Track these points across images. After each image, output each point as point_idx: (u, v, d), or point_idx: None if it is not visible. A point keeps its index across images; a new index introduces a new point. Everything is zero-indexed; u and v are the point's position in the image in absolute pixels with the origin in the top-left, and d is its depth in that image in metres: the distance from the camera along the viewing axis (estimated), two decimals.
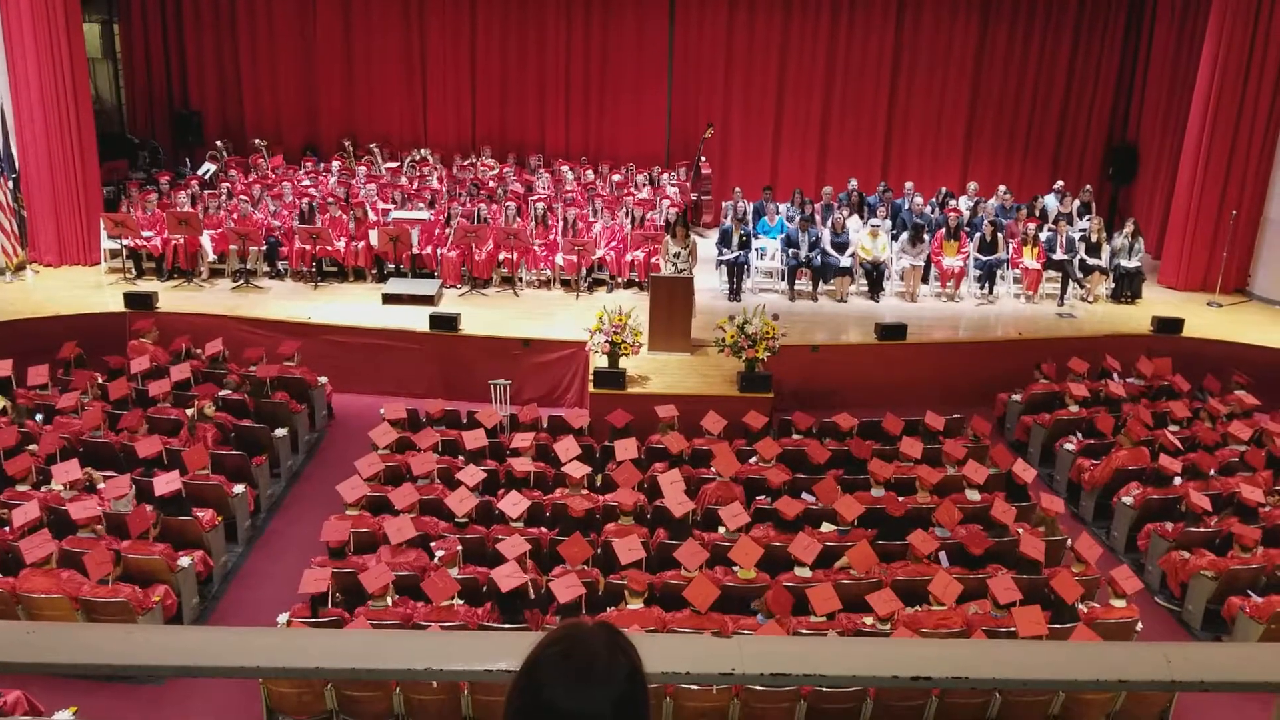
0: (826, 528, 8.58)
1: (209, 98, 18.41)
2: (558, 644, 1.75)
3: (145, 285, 13.53)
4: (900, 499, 9.07)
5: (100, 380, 10.69)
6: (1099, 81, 18.45)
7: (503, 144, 18.49)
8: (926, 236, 14.74)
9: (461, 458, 9.56)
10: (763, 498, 9.08)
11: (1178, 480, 9.68)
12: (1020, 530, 8.56)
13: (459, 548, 7.76)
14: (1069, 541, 8.50)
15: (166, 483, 8.42)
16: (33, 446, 9.14)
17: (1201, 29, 15.32)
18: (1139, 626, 7.63)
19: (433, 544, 8.04)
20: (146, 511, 8.00)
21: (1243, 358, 12.67)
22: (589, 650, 1.73)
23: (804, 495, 9.12)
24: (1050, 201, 16.43)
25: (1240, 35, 14.41)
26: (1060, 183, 17.00)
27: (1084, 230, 15.01)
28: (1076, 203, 16.21)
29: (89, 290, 13.54)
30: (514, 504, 8.28)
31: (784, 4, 18.07)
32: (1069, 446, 10.84)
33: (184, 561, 7.99)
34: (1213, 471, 9.80)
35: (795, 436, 10.37)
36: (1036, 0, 17.99)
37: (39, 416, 10.01)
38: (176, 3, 17.93)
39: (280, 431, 10.44)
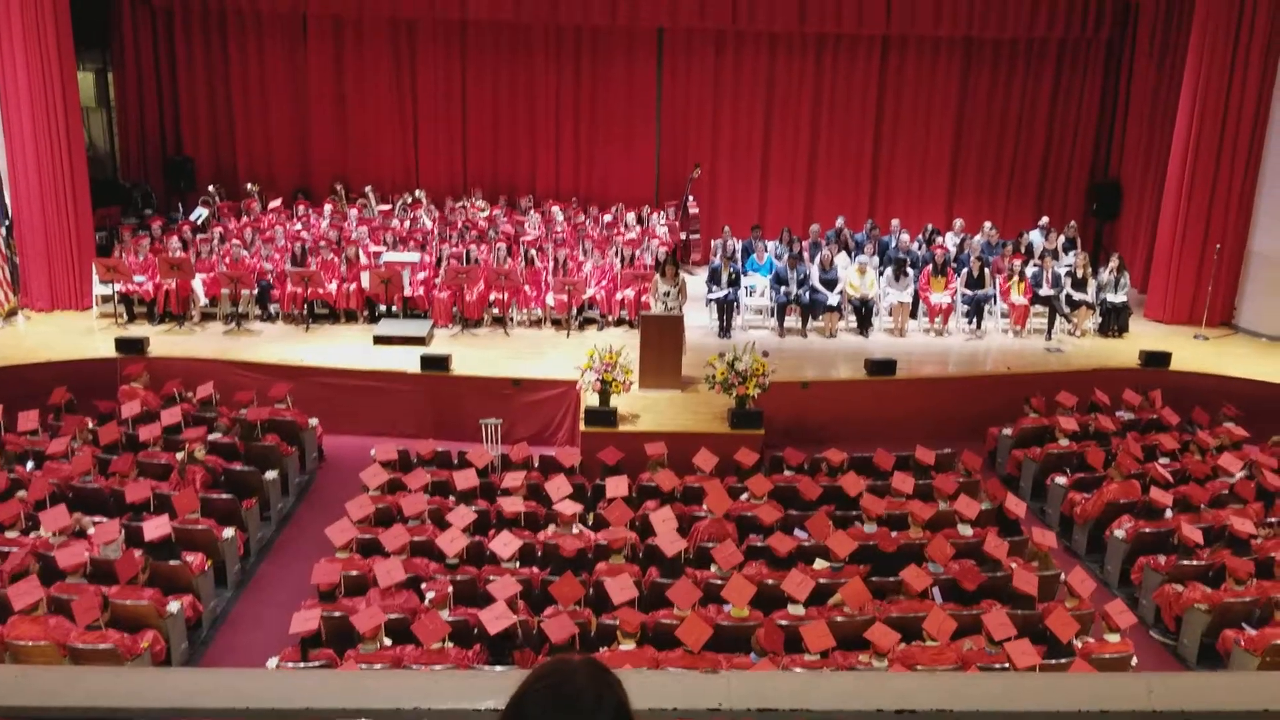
0: (819, 564, 8.57)
1: (201, 143, 18.52)
2: (544, 679, 1.76)
3: (137, 330, 13.55)
4: (893, 535, 9.06)
5: (91, 425, 10.66)
6: (1080, 120, 18.72)
7: (494, 186, 18.62)
8: (911, 271, 14.86)
9: (452, 498, 9.54)
10: (755, 535, 9.07)
11: (1169, 513, 9.70)
12: (1013, 565, 8.55)
13: (450, 589, 7.73)
14: (1062, 576, 8.50)
15: (156, 527, 8.38)
16: (22, 493, 9.10)
17: (1180, 67, 15.55)
18: (1134, 661, 7.61)
19: (423, 585, 8.00)
20: (135, 557, 7.96)
21: (1230, 390, 12.73)
22: (575, 685, 1.75)
23: (796, 532, 9.11)
24: (1035, 237, 16.57)
25: (1218, 73, 14.61)
26: (1045, 219, 17.16)
27: (1070, 266, 15.13)
28: (1061, 238, 16.34)
29: (80, 335, 13.54)
30: (505, 544, 8.27)
31: (769, 47, 18.31)
32: (1060, 480, 10.86)
33: (173, 607, 7.95)
34: (1204, 504, 9.83)
35: (787, 473, 10.37)
36: (1017, 41, 18.26)
37: (29, 463, 9.98)
38: (170, 51, 18.10)
39: (270, 474, 10.41)
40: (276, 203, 17.37)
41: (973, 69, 18.55)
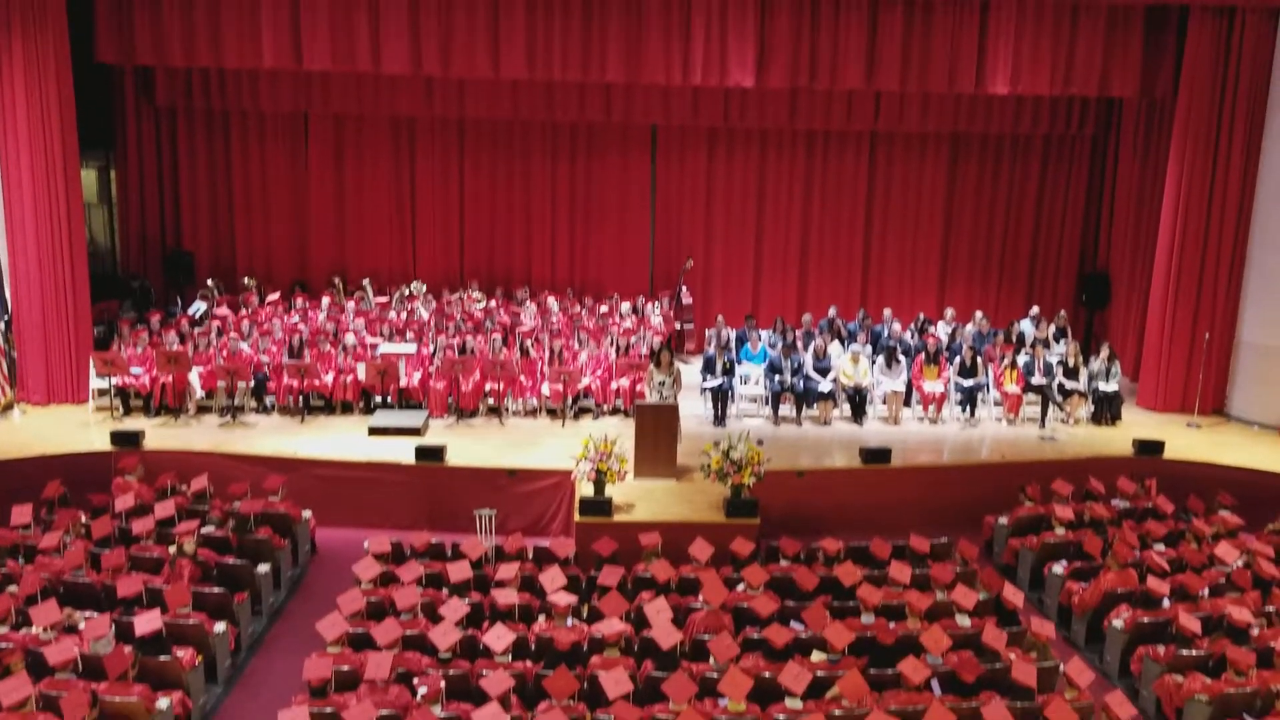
0: (817, 656, 8.48)
1: (201, 238, 18.78)
2: None
3: (132, 423, 13.58)
4: (891, 625, 8.99)
5: (83, 519, 10.63)
6: (1067, 212, 19.09)
7: (490, 277, 18.86)
8: (903, 358, 14.99)
9: (446, 590, 9.48)
10: (751, 626, 9.00)
11: (1166, 602, 9.65)
12: (1012, 656, 8.47)
13: (442, 684, 7.64)
14: (1061, 667, 8.42)
15: (147, 622, 8.31)
16: (12, 587, 9.03)
17: (1163, 162, 15.91)
18: None
19: (416, 681, 7.91)
20: (125, 652, 7.88)
21: (1224, 478, 12.77)
22: None
23: (793, 623, 9.04)
24: (1026, 327, 16.74)
25: (1201, 167, 14.96)
26: (1036, 308, 17.34)
27: (1061, 355, 15.26)
28: (1052, 328, 16.50)
29: (76, 429, 13.56)
30: (498, 637, 8.19)
31: (761, 143, 18.75)
32: (1058, 569, 10.81)
33: (162, 703, 7.83)
34: (1201, 593, 9.78)
35: (783, 562, 10.33)
36: (1004, 136, 18.67)
37: (21, 557, 9.92)
38: (172, 149, 18.47)
39: (263, 567, 10.35)
40: (275, 295, 17.55)
41: (960, 163, 18.98)
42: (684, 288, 18.21)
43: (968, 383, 14.79)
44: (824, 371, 14.61)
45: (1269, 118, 14.79)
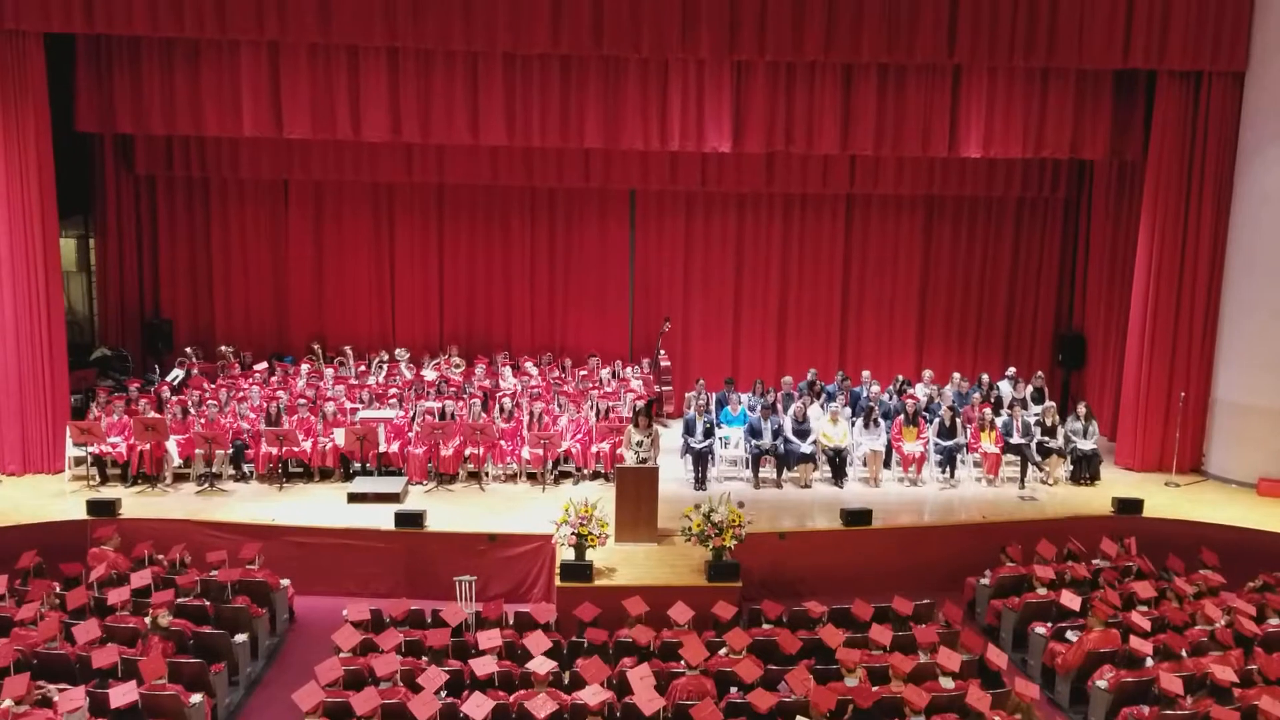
0: None
1: (180, 306, 18.71)
2: None
3: (109, 492, 13.45)
4: (874, 689, 8.93)
5: (58, 590, 10.48)
6: (1042, 273, 19.31)
7: (469, 343, 18.87)
8: (882, 420, 15.06)
9: (425, 658, 9.37)
10: (735, 690, 8.93)
11: (1150, 662, 9.62)
12: (997, 718, 8.43)
13: None
14: None
15: (122, 694, 8.18)
16: None
17: (1135, 223, 16.15)
18: None
19: None
20: None
21: (1203, 536, 12.80)
22: None
23: (778, 687, 8.97)
24: (1004, 387, 16.85)
25: (1173, 225, 15.24)
26: (1013, 369, 17.48)
27: (1038, 415, 15.35)
28: (1030, 388, 16.62)
29: (51, 498, 13.42)
30: (478, 706, 8.09)
31: (738, 207, 18.93)
32: (1040, 630, 10.79)
33: None
34: (1184, 652, 9.77)
35: (765, 626, 10.28)
36: (978, 199, 18.94)
37: None
38: (152, 217, 18.45)
39: (240, 637, 10.21)
40: (262, 365, 17.45)
41: (935, 225, 19.20)
42: (662, 351, 18.28)
43: (947, 443, 14.85)
44: (804, 434, 14.65)
45: (1237, 177, 15.09)
